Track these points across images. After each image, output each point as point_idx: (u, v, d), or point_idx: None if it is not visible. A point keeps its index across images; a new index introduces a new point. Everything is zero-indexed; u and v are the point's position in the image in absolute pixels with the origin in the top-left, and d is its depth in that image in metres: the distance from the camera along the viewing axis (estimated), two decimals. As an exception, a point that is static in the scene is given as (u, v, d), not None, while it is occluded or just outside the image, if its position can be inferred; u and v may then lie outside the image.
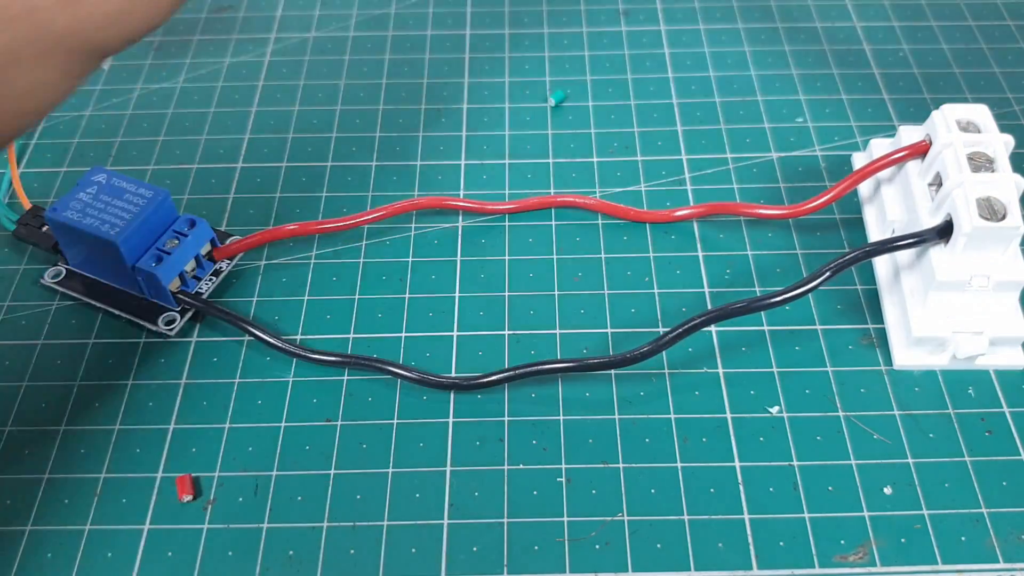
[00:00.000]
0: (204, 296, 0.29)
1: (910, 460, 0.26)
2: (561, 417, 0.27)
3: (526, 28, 0.40)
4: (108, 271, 0.29)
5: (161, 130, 0.35)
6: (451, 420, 0.27)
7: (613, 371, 0.27)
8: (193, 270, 0.29)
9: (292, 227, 0.30)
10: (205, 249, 0.29)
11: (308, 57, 0.38)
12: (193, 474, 0.26)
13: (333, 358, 0.28)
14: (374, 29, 0.40)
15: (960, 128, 0.28)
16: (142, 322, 0.29)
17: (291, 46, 0.39)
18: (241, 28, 0.40)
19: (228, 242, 0.30)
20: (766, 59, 0.38)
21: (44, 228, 0.29)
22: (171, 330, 0.28)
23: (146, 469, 0.26)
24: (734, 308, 0.26)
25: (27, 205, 0.30)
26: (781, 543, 0.24)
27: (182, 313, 0.29)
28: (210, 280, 0.29)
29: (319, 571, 0.24)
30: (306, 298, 0.30)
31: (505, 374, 0.27)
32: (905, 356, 0.28)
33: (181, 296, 0.28)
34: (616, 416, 0.27)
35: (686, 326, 0.26)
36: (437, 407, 0.27)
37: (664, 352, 0.28)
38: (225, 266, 0.30)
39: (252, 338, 0.28)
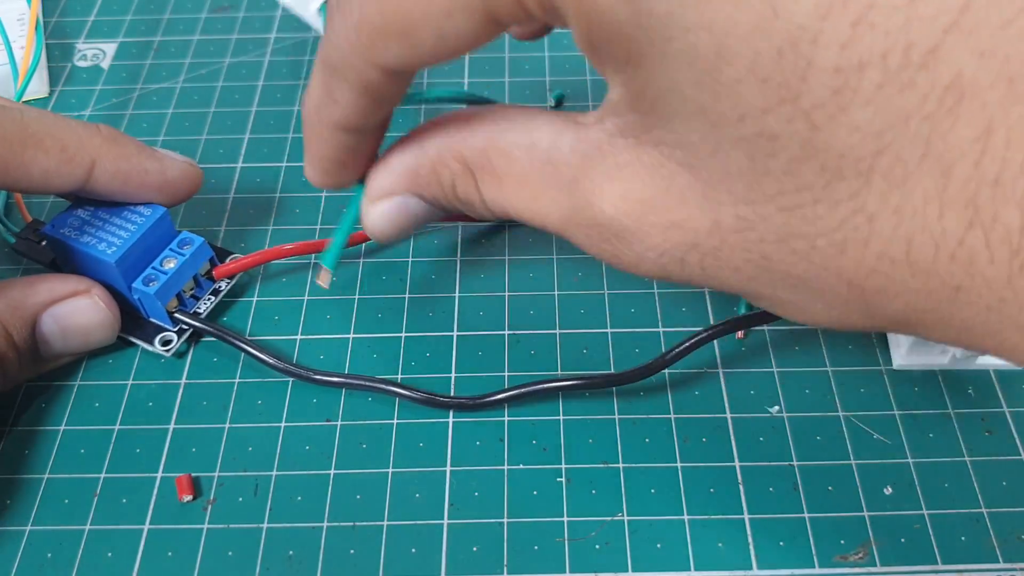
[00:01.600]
0: (202, 316, 0.29)
1: (910, 460, 0.26)
2: (561, 417, 0.27)
3: (526, 28, 0.40)
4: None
5: (161, 130, 0.35)
6: (451, 420, 0.27)
7: (616, 387, 0.27)
8: (191, 289, 0.29)
9: (290, 247, 0.30)
10: (204, 268, 0.29)
11: (308, 57, 0.38)
12: (193, 474, 0.26)
13: (335, 379, 0.27)
14: (374, 29, 0.40)
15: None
16: (138, 341, 0.28)
17: (291, 46, 0.39)
18: (241, 28, 0.40)
19: (227, 261, 0.30)
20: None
21: (43, 243, 0.29)
22: (167, 351, 0.28)
23: (146, 469, 0.26)
24: (739, 320, 0.26)
25: (27, 219, 0.30)
26: (781, 543, 0.24)
27: (179, 333, 0.28)
28: (208, 299, 0.29)
29: (319, 571, 0.24)
30: (306, 298, 0.30)
31: (508, 393, 0.26)
32: (905, 356, 0.28)
33: (178, 317, 0.28)
34: (616, 416, 0.27)
35: (691, 341, 0.26)
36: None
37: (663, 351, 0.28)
38: (224, 286, 0.29)
39: (251, 358, 0.28)
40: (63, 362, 0.28)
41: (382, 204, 0.24)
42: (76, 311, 0.27)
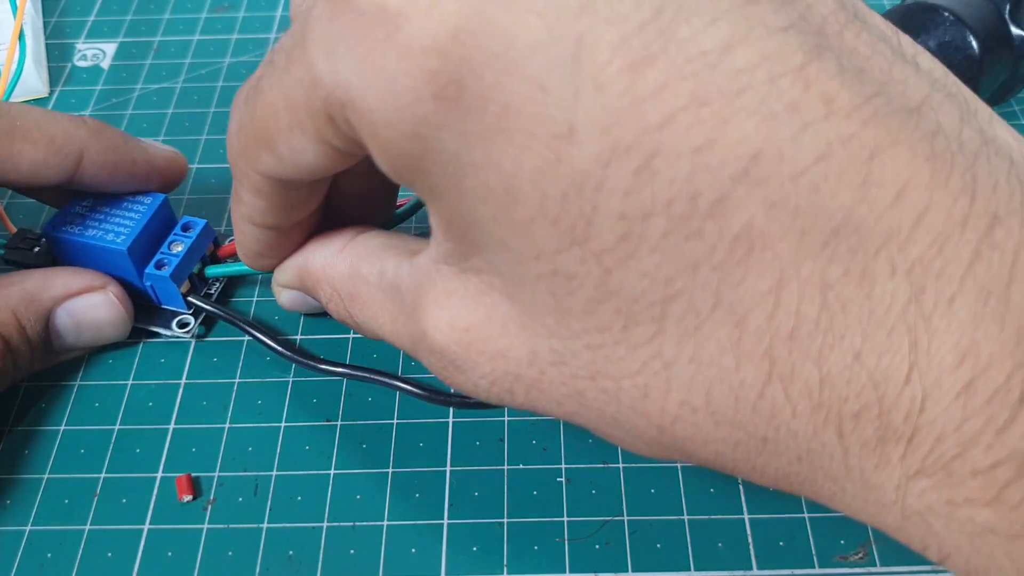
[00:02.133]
0: (213, 297, 0.29)
1: (910, 460, 0.26)
2: (561, 417, 0.27)
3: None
4: None
5: (161, 130, 0.35)
6: (451, 420, 0.27)
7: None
8: (199, 271, 0.29)
9: None
10: (208, 250, 0.29)
11: (308, 57, 0.38)
12: (193, 474, 0.26)
13: (338, 369, 0.27)
14: (374, 29, 0.40)
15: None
16: (155, 328, 0.28)
17: (291, 46, 0.39)
18: (241, 28, 0.40)
19: (229, 241, 0.30)
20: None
21: (35, 250, 0.29)
22: (187, 333, 0.28)
23: (146, 469, 0.26)
24: None
25: (12, 230, 0.30)
26: (781, 543, 0.24)
27: (195, 315, 0.29)
28: (217, 281, 0.30)
29: (319, 571, 0.24)
30: (306, 298, 0.30)
31: None
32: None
33: (192, 300, 0.28)
34: (616, 416, 0.27)
35: None
36: (437, 407, 0.27)
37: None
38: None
39: (262, 345, 0.28)
40: (74, 355, 0.28)
41: (285, 291, 0.26)
42: (90, 306, 0.27)
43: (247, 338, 0.29)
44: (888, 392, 0.14)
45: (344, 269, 0.23)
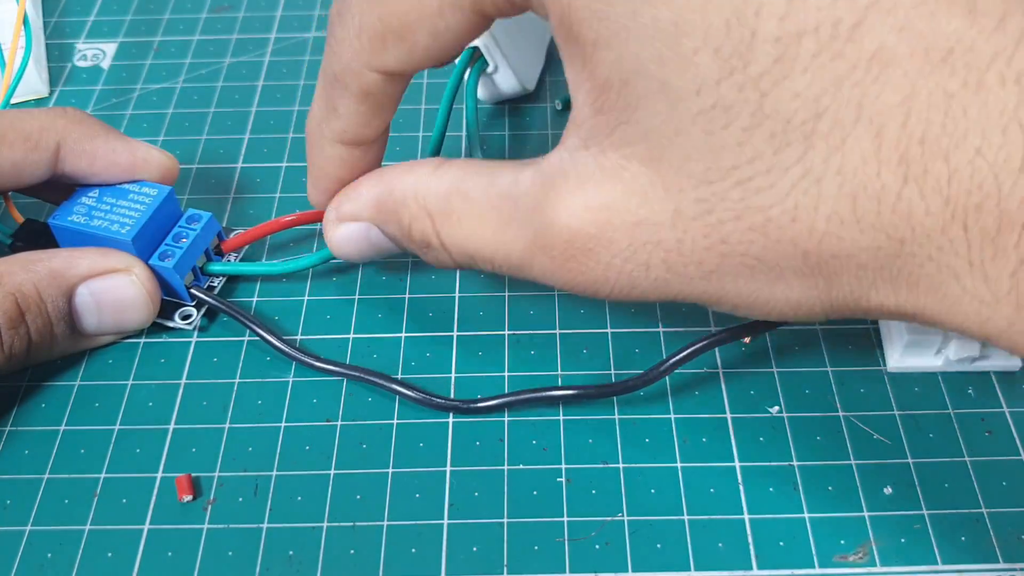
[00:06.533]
0: (216, 291, 0.29)
1: (910, 460, 0.26)
2: (561, 417, 0.27)
3: (526, 28, 0.40)
4: None
5: (161, 130, 0.35)
6: (451, 420, 0.27)
7: (616, 397, 0.27)
8: (203, 265, 0.29)
9: (291, 218, 0.30)
10: (212, 244, 0.29)
11: (308, 57, 0.38)
12: (193, 474, 0.26)
13: (335, 367, 0.27)
14: (374, 29, 0.40)
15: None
16: (157, 320, 0.28)
17: (291, 46, 0.39)
18: (241, 28, 0.40)
19: (233, 235, 0.30)
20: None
21: (40, 241, 0.29)
22: (189, 324, 0.28)
23: (146, 469, 0.26)
24: (744, 328, 0.26)
25: (19, 220, 0.30)
26: (781, 543, 0.24)
27: (197, 307, 0.29)
28: (219, 276, 0.30)
29: (319, 571, 0.24)
30: (306, 298, 0.30)
31: (504, 399, 0.27)
32: (899, 359, 0.28)
33: (195, 292, 0.28)
34: (616, 416, 0.27)
35: (691, 349, 0.26)
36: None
37: (663, 351, 0.28)
38: (234, 258, 0.30)
39: (258, 339, 0.28)
40: (101, 343, 0.28)
41: (346, 226, 0.26)
42: (113, 287, 0.27)
43: (247, 338, 0.29)
44: (1005, 181, 0.16)
45: (441, 187, 0.23)
